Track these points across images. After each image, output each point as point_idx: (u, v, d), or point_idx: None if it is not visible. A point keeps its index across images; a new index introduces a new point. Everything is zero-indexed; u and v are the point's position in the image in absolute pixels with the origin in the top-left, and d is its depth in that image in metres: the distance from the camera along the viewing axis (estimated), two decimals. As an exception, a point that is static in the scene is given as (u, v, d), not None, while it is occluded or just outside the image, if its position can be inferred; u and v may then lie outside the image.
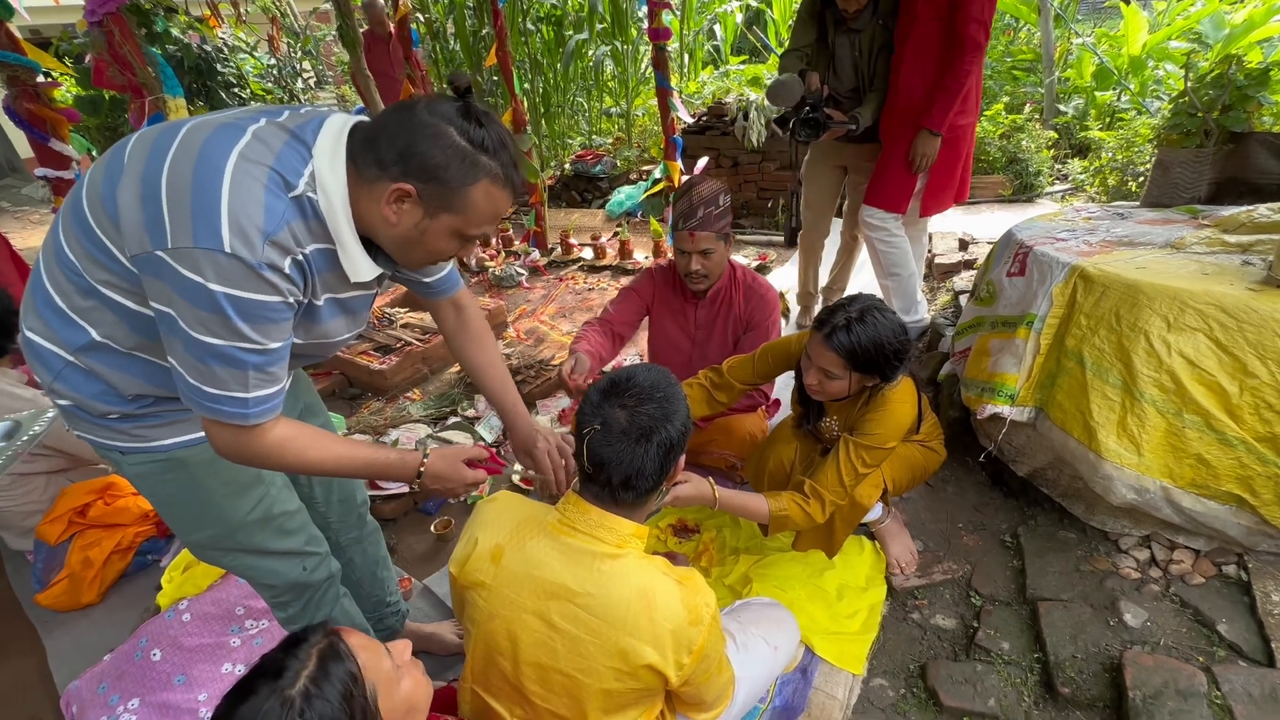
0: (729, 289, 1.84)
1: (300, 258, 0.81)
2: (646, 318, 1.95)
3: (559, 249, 4.43)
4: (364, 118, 0.85)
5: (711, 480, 1.32)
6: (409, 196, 0.81)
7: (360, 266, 0.86)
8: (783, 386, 2.38)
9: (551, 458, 1.09)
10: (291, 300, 0.82)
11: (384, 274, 0.93)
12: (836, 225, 2.93)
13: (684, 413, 0.91)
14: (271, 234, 0.78)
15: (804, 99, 2.19)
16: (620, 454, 0.87)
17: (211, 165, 0.77)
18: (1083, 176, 4.17)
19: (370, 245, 0.90)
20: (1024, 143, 4.14)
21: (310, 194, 0.81)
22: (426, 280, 1.12)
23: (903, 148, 2.21)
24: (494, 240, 4.63)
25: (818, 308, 2.99)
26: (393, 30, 3.81)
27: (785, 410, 2.18)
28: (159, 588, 1.93)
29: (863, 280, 3.08)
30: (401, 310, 3.46)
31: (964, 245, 3.25)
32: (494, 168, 0.82)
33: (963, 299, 2.57)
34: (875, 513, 1.70)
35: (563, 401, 2.63)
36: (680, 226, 1.70)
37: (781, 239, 4.21)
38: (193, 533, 1.05)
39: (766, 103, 2.46)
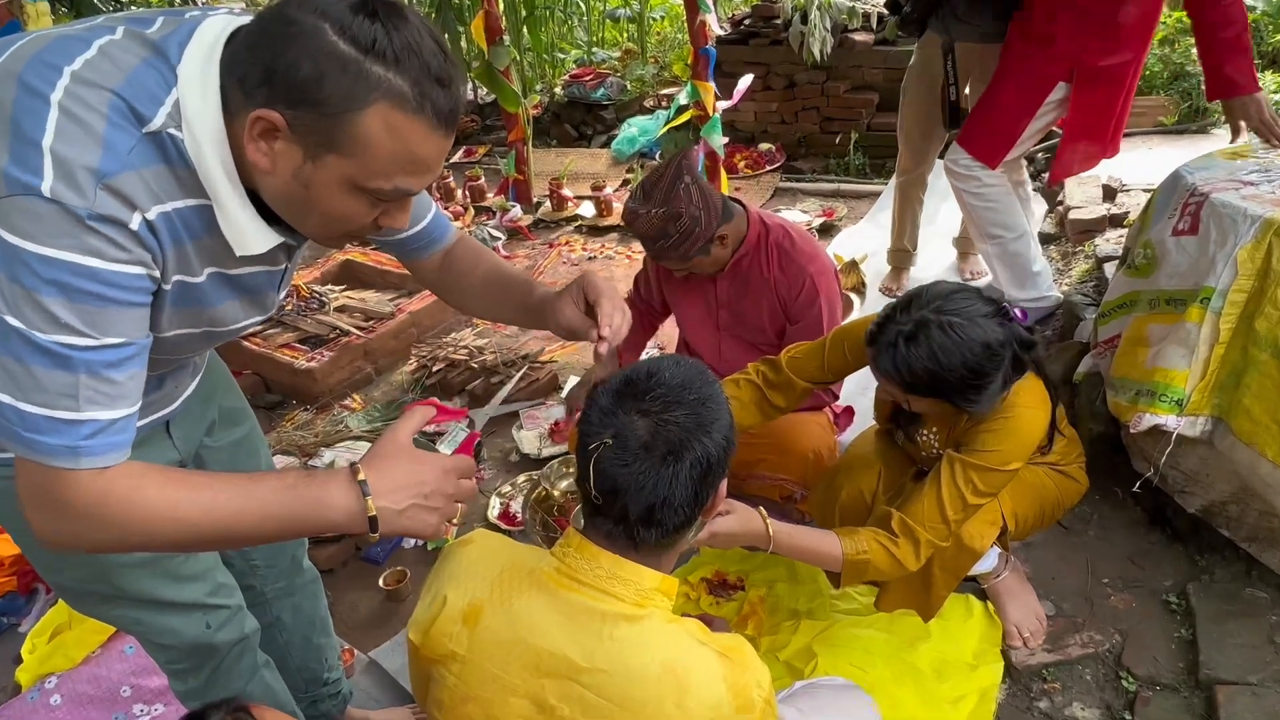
0: (755, 252, 1.91)
1: (154, 216, 0.78)
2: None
3: (548, 203, 4.41)
4: (248, 19, 0.81)
5: (763, 511, 1.35)
6: (277, 131, 0.77)
7: (246, 233, 0.84)
8: (857, 391, 2.39)
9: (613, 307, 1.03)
10: (140, 272, 0.78)
11: (289, 244, 0.92)
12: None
13: (726, 420, 0.92)
14: (108, 176, 0.75)
15: None
16: (640, 477, 0.88)
17: (36, 90, 0.74)
18: (1277, 96, 4.04)
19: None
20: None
21: (172, 130, 0.78)
22: (399, 237, 1.14)
23: (1024, 80, 2.24)
24: (460, 192, 4.59)
25: (913, 272, 3.08)
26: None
27: (862, 423, 2.20)
28: (18, 660, 1.95)
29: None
30: (336, 289, 3.49)
31: (1110, 194, 3.20)
32: (396, 84, 0.75)
33: (1109, 268, 2.54)
34: (989, 561, 1.70)
35: (555, 411, 2.68)
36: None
37: (857, 186, 4.18)
38: (58, 572, 1.05)
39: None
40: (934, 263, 3.33)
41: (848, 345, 1.59)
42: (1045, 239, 3.20)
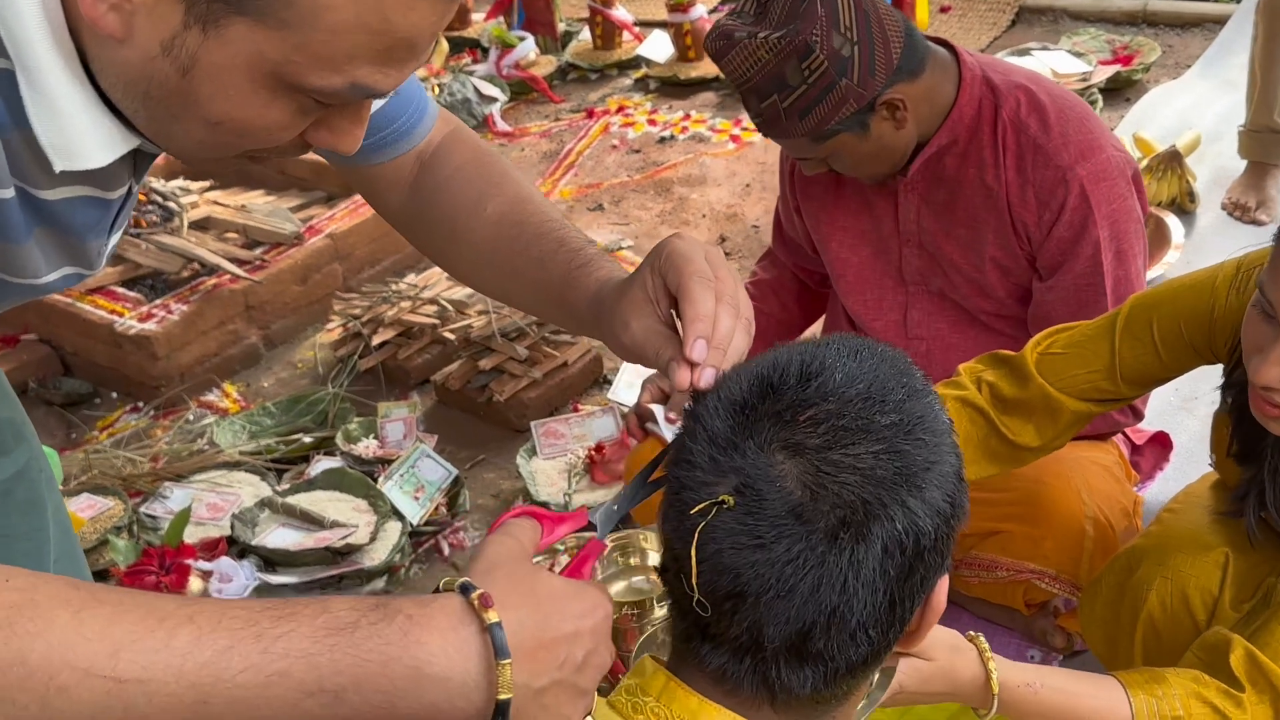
0: (971, 139, 1.96)
1: None
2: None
3: (587, 34, 4.54)
4: None
5: (981, 643, 1.37)
6: None
7: (76, 133, 0.92)
8: (1178, 403, 2.38)
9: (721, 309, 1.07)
10: None
11: (143, 153, 1.01)
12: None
13: (950, 465, 0.94)
14: None
15: None
16: (788, 571, 0.89)
17: None
18: None
19: None
20: None
21: None
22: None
23: None
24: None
25: None
26: None
27: (1184, 464, 2.25)
28: None
29: None
30: (193, 186, 3.49)
31: None
32: None
33: None
34: None
35: (597, 425, 2.72)
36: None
37: (1178, 4, 4.14)
38: None
39: None
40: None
41: (1162, 325, 1.61)
42: None
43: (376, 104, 1.20)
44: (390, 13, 0.84)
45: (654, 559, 2.19)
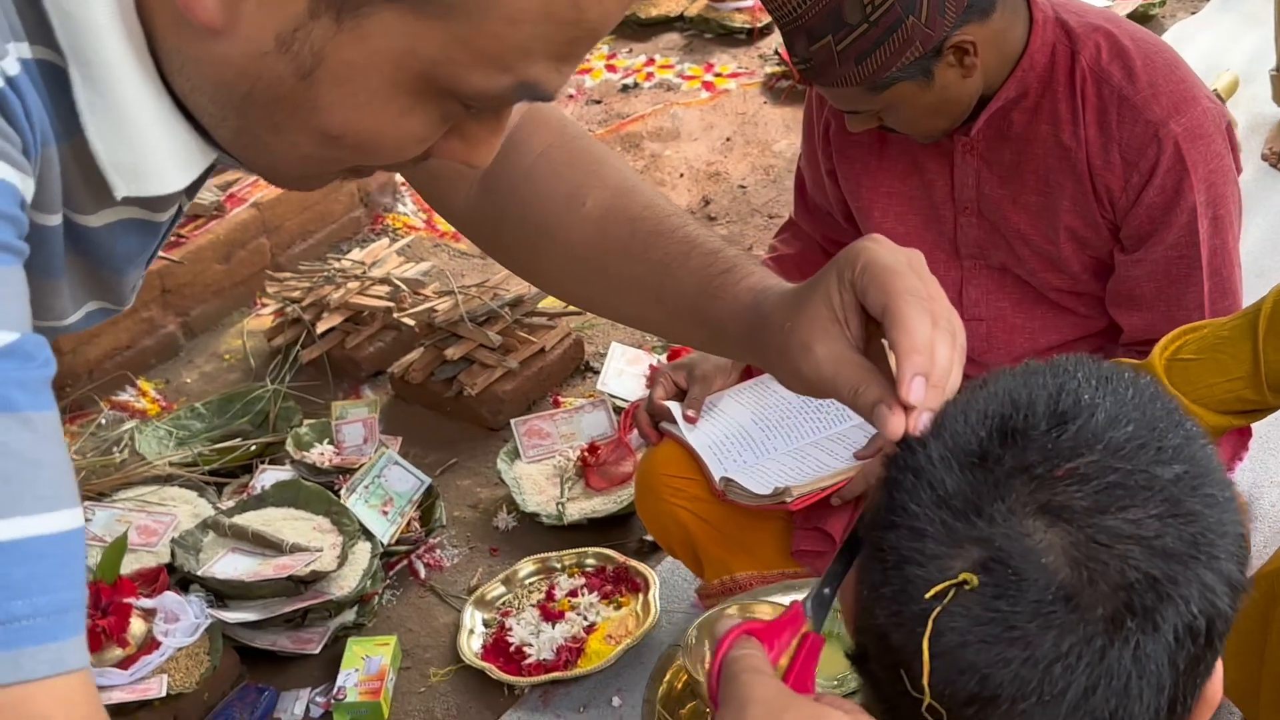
0: (1044, 92, 1.89)
1: (14, 68, 0.76)
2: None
3: None
4: None
5: None
6: None
7: (143, 139, 0.84)
8: None
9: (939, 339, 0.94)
10: (10, 178, 0.72)
11: (214, 167, 0.93)
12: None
13: (1239, 523, 0.85)
14: None
15: None
16: (1054, 671, 0.80)
17: None
18: None
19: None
20: None
21: None
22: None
23: None
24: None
25: None
26: None
27: (1262, 453, 2.32)
28: None
29: None
30: None
31: None
32: None
33: None
34: None
35: (588, 420, 2.68)
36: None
37: None
38: None
39: None
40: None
41: None
42: None
43: None
44: None
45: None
